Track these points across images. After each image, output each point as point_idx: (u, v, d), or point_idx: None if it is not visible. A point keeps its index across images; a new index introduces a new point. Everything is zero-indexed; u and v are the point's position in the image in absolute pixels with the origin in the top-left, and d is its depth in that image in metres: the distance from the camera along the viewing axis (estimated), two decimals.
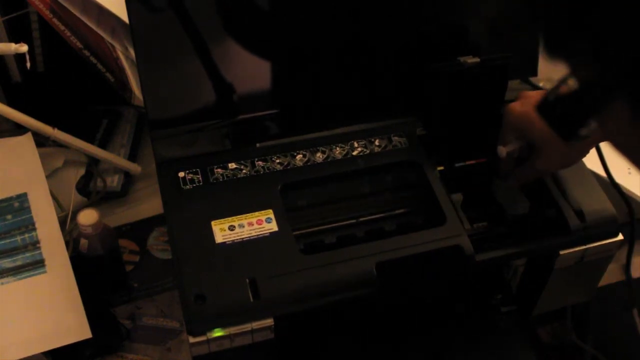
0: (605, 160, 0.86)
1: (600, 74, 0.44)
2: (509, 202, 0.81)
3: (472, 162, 0.83)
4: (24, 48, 0.83)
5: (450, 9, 0.85)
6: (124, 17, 0.85)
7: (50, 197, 0.89)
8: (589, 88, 0.48)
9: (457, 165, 0.83)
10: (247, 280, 0.69)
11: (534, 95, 0.76)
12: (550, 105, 0.67)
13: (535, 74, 0.90)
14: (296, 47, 0.82)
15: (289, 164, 0.80)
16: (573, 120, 0.65)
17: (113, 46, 0.94)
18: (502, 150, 0.77)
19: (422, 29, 0.84)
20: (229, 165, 0.79)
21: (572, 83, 0.58)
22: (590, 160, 0.84)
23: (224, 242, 0.72)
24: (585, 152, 0.76)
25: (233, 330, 0.68)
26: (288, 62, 0.82)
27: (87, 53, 0.94)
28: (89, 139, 1.02)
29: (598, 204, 0.79)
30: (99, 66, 0.96)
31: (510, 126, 0.77)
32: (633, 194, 0.94)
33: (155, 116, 0.79)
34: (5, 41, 0.94)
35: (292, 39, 0.81)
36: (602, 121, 0.49)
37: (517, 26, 0.88)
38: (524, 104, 0.76)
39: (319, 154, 0.81)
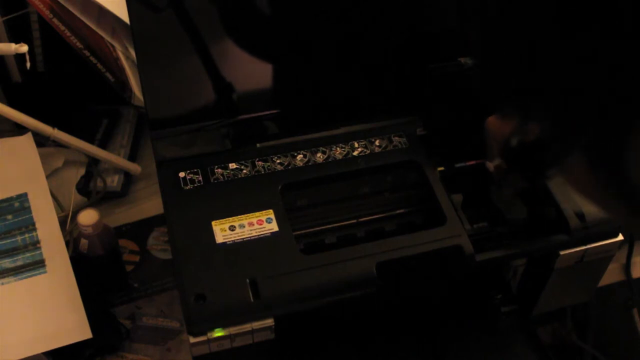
0: None
1: (551, 131, 0.44)
2: (506, 207, 0.81)
3: (473, 162, 0.83)
4: (24, 48, 0.83)
5: (451, 9, 0.85)
6: (124, 17, 0.85)
7: (50, 197, 0.89)
8: (545, 142, 0.48)
9: (457, 165, 0.83)
10: (248, 280, 0.69)
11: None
12: (513, 152, 0.68)
13: None
14: (296, 47, 0.82)
15: (289, 164, 0.80)
16: (536, 166, 0.65)
17: (113, 46, 0.94)
18: (490, 166, 0.77)
19: (423, 29, 0.84)
20: (230, 165, 0.79)
21: (533, 130, 0.59)
22: None
23: (225, 242, 0.72)
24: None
25: (233, 330, 0.68)
26: (288, 62, 0.82)
27: (87, 53, 0.95)
28: (89, 139, 1.02)
29: None
30: (99, 66, 0.96)
31: (492, 139, 0.76)
32: None
33: (155, 116, 0.79)
34: (5, 41, 0.94)
35: (292, 39, 0.81)
36: (563, 169, 0.49)
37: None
38: (499, 118, 0.76)
39: (319, 154, 0.81)
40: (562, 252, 0.78)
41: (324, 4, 0.80)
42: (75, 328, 0.81)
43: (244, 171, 0.78)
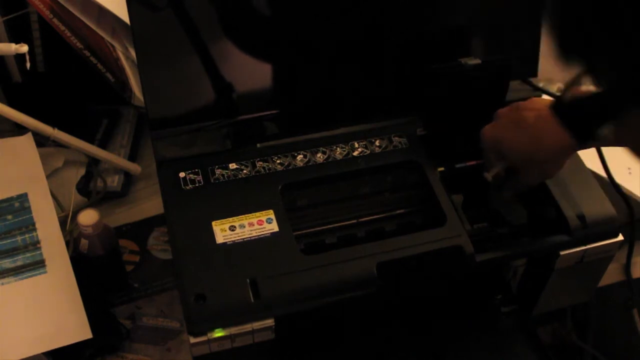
0: (605, 160, 0.86)
1: (619, 80, 0.42)
2: (506, 210, 0.81)
3: (473, 162, 0.83)
4: (24, 48, 0.82)
5: (451, 10, 0.85)
6: (124, 17, 0.85)
7: (50, 197, 0.89)
8: (607, 93, 0.46)
9: (457, 165, 0.83)
10: (248, 280, 0.69)
11: (504, 114, 0.77)
12: (566, 107, 0.66)
13: (535, 74, 0.90)
14: (296, 47, 0.82)
15: (289, 164, 0.80)
16: (590, 122, 0.64)
17: (113, 46, 0.94)
18: (488, 176, 0.77)
19: (423, 30, 0.84)
20: (230, 165, 0.79)
21: (588, 84, 0.57)
22: (590, 160, 0.84)
23: (225, 242, 0.72)
24: (561, 164, 0.76)
25: (233, 330, 0.68)
26: (288, 63, 0.82)
27: (87, 53, 0.94)
28: (89, 139, 1.02)
29: (598, 204, 0.79)
30: (99, 66, 0.96)
31: (487, 149, 0.77)
32: (633, 194, 0.94)
33: (155, 116, 0.79)
34: (5, 41, 0.94)
35: (292, 40, 0.81)
36: (619, 125, 0.48)
37: (517, 27, 0.88)
38: (494, 126, 0.77)
39: (319, 154, 0.81)
40: (562, 252, 0.78)
41: (324, 5, 0.80)
42: (75, 328, 0.81)
43: (244, 171, 0.78)
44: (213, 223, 0.73)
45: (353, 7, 0.80)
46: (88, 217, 0.83)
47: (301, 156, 0.80)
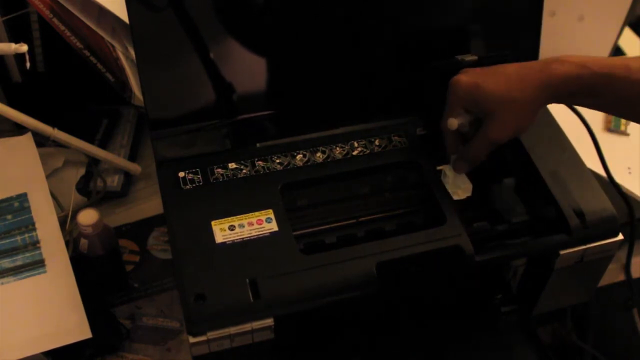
0: (605, 160, 0.86)
1: None
2: (506, 209, 0.81)
3: None
4: (24, 48, 0.82)
5: (450, 8, 0.85)
6: (124, 17, 0.85)
7: (50, 197, 0.89)
8: None
9: None
10: (247, 280, 0.69)
11: (476, 69, 0.77)
12: None
13: None
14: (296, 47, 0.82)
15: (289, 164, 0.80)
16: None
17: (113, 46, 0.94)
18: (453, 122, 0.75)
19: (421, 28, 0.84)
20: (229, 165, 0.79)
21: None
22: (590, 160, 0.84)
23: (224, 242, 0.72)
24: (534, 113, 0.75)
25: (233, 330, 0.68)
26: (288, 62, 0.82)
27: (87, 53, 0.94)
28: (89, 139, 1.02)
29: (598, 204, 0.79)
30: (99, 66, 0.96)
31: (458, 98, 0.76)
32: (633, 194, 0.94)
33: (155, 116, 0.79)
34: (5, 41, 0.93)
35: (291, 39, 0.81)
36: None
37: (517, 26, 0.88)
38: (469, 74, 0.76)
39: (319, 154, 0.81)
40: (562, 252, 0.78)
41: (324, 4, 0.80)
42: (75, 328, 0.81)
43: (244, 171, 0.78)
44: (213, 223, 0.73)
45: (352, 7, 0.80)
46: (88, 217, 0.83)
47: (301, 156, 0.80)
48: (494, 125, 0.74)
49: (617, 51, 1.23)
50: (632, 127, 1.07)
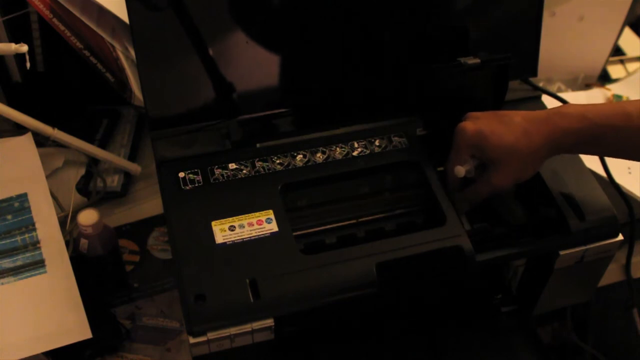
0: (605, 160, 0.86)
1: None
2: (506, 210, 0.81)
3: None
4: (24, 48, 0.82)
5: (451, 9, 0.85)
6: (124, 17, 0.85)
7: (50, 197, 0.89)
8: None
9: None
10: (247, 281, 0.69)
11: (484, 114, 0.78)
12: None
13: (535, 74, 0.90)
14: (296, 47, 0.82)
15: (289, 164, 0.80)
16: None
17: (113, 46, 0.94)
18: (460, 170, 0.77)
19: (423, 29, 0.84)
20: (229, 165, 0.79)
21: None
22: (590, 160, 0.84)
23: (224, 242, 0.72)
24: (538, 164, 0.76)
25: (233, 330, 0.68)
26: (288, 63, 0.82)
27: (87, 53, 0.94)
28: (89, 139, 1.02)
29: (598, 204, 0.79)
30: (99, 66, 0.96)
31: (464, 145, 0.77)
32: (633, 194, 0.94)
33: (155, 116, 0.79)
34: (5, 41, 0.93)
35: (292, 40, 0.81)
36: None
37: (517, 26, 0.88)
38: (475, 122, 0.77)
39: (319, 154, 0.81)
40: (562, 252, 0.78)
41: (324, 5, 0.80)
42: (75, 328, 0.81)
43: (244, 171, 0.78)
44: (213, 223, 0.73)
45: (353, 7, 0.80)
46: (88, 217, 0.83)
47: (301, 156, 0.80)
48: (498, 173, 0.75)
49: (617, 51, 1.23)
50: None
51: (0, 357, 0.79)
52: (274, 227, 0.73)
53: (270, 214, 0.74)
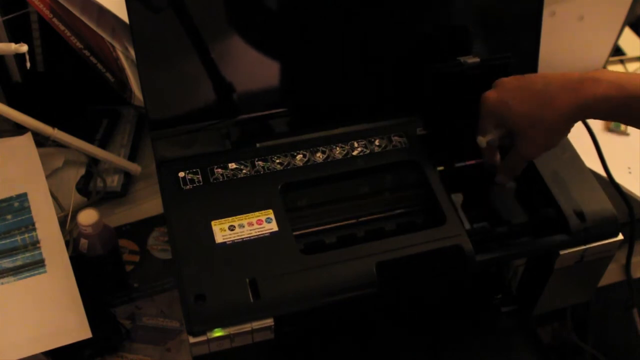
0: (605, 160, 0.86)
1: None
2: (506, 210, 0.81)
3: (473, 162, 0.83)
4: (24, 48, 0.82)
5: (451, 9, 0.85)
6: (124, 17, 0.85)
7: (50, 197, 0.89)
8: None
9: (457, 165, 0.83)
10: (247, 280, 0.69)
11: (509, 81, 0.76)
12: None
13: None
14: (296, 47, 0.82)
15: (289, 164, 0.80)
16: None
17: (113, 46, 0.94)
18: (482, 140, 0.76)
19: (423, 29, 0.84)
20: (229, 165, 0.79)
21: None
22: (590, 160, 0.84)
23: (224, 242, 0.72)
24: (565, 132, 0.74)
25: (233, 330, 0.68)
26: (288, 63, 0.82)
27: (87, 53, 0.94)
28: (89, 139, 1.02)
29: (598, 204, 0.79)
30: (99, 66, 0.96)
31: (488, 115, 0.75)
32: (633, 194, 0.94)
33: (155, 116, 0.79)
34: (5, 41, 0.94)
35: (292, 40, 0.81)
36: None
37: (517, 26, 0.88)
38: (499, 91, 0.75)
39: (319, 154, 0.81)
40: (562, 252, 0.78)
41: (325, 5, 0.80)
42: (75, 328, 0.81)
43: (244, 171, 0.78)
44: (212, 223, 0.73)
45: (353, 7, 0.80)
46: (88, 217, 0.83)
47: (301, 156, 0.80)
48: (525, 143, 0.74)
49: (617, 51, 1.23)
50: None
51: (0, 357, 0.79)
52: (273, 227, 0.73)
53: (270, 213, 0.74)
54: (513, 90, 0.74)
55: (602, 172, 0.86)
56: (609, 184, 0.85)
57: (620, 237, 0.79)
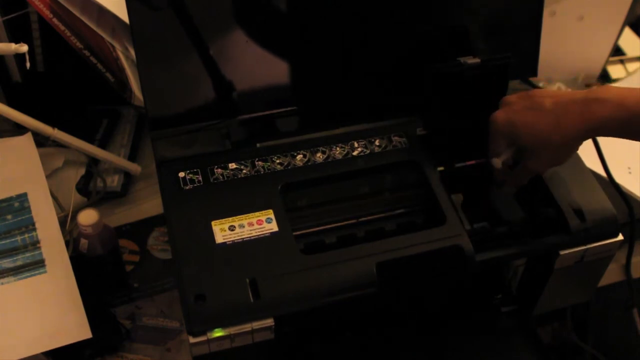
0: (605, 160, 0.86)
1: None
2: (506, 210, 0.81)
3: (473, 162, 0.83)
4: (24, 48, 0.82)
5: (451, 10, 0.85)
6: (124, 17, 0.85)
7: (50, 197, 0.89)
8: None
9: (457, 165, 0.83)
10: (247, 280, 0.69)
11: (516, 102, 0.76)
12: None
13: (535, 74, 0.90)
14: (297, 48, 0.82)
15: (289, 164, 0.80)
16: None
17: (113, 46, 0.94)
18: (497, 162, 0.77)
19: (423, 30, 0.84)
20: (229, 165, 0.79)
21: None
22: (590, 160, 0.84)
23: (224, 242, 0.72)
24: (574, 150, 0.76)
25: (233, 330, 0.68)
26: (288, 63, 0.82)
27: (87, 53, 0.94)
28: (89, 139, 1.02)
29: (598, 204, 0.79)
30: (99, 66, 0.96)
31: (498, 135, 0.77)
32: (633, 194, 0.94)
33: (155, 116, 0.79)
34: (5, 41, 0.93)
35: (292, 41, 0.81)
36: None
37: (517, 26, 0.88)
38: (507, 111, 0.76)
39: (319, 154, 0.81)
40: (562, 252, 0.78)
41: (326, 6, 0.80)
42: (75, 328, 0.81)
43: (244, 171, 0.78)
44: (213, 223, 0.73)
45: (353, 8, 0.80)
46: (88, 217, 0.83)
47: (301, 156, 0.80)
48: (533, 160, 0.76)
49: (617, 51, 1.23)
50: None
51: (0, 357, 0.79)
52: (274, 227, 0.73)
53: (270, 213, 0.74)
54: (521, 111, 0.75)
55: (602, 172, 0.86)
56: (609, 184, 0.85)
57: (620, 237, 0.79)
